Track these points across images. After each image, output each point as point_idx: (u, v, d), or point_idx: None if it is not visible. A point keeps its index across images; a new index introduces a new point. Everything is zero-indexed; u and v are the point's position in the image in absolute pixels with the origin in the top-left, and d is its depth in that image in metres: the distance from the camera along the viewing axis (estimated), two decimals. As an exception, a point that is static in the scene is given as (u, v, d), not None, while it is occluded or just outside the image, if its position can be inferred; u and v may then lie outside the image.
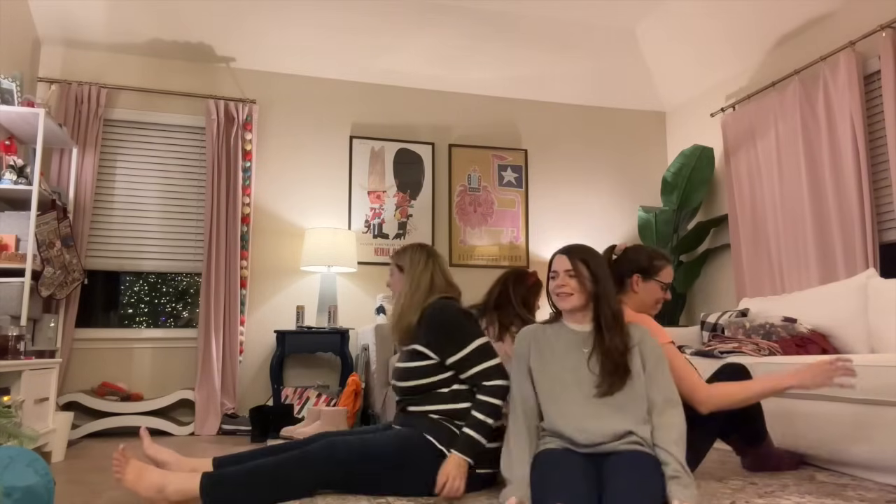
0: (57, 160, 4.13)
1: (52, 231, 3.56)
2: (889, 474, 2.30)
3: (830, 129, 3.85)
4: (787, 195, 4.11)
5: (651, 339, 1.99)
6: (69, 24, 4.24)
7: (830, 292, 3.32)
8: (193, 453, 3.28)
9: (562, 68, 5.11)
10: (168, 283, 4.88)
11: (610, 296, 1.97)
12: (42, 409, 3.02)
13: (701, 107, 5.17)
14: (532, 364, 1.99)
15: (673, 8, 4.57)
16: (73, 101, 4.23)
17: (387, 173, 4.92)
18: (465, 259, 4.98)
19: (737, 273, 4.49)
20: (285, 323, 4.54)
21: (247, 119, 4.56)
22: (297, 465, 1.96)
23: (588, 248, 2.06)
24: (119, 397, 4.03)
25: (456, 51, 4.84)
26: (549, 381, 1.94)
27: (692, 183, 4.82)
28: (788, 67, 4.26)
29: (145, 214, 4.45)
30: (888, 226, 3.65)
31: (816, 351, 3.12)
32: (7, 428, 2.05)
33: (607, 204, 5.37)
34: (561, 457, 1.78)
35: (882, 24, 3.54)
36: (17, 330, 2.85)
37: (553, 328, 2.04)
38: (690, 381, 2.11)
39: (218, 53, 4.61)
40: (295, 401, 4.25)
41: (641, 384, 1.89)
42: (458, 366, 2.15)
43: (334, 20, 4.51)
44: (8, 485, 1.54)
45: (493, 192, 5.12)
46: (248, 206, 4.50)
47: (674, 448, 1.78)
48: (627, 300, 2.30)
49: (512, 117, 5.26)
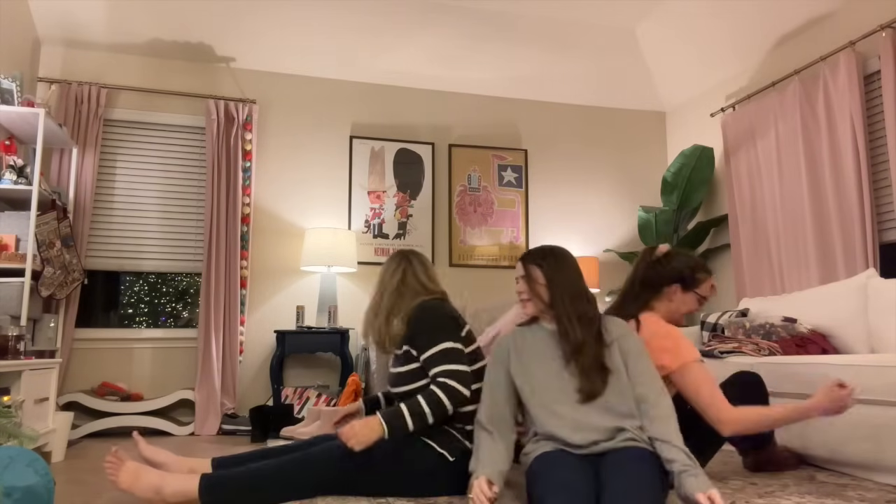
0: (57, 160, 4.13)
1: (52, 231, 3.56)
2: (889, 474, 2.30)
3: (830, 129, 3.85)
4: (787, 195, 4.11)
5: (631, 333, 1.97)
6: (69, 24, 4.24)
7: (830, 292, 3.33)
8: (193, 453, 3.28)
9: (562, 68, 5.11)
10: (168, 283, 4.88)
11: (568, 296, 1.94)
12: (42, 409, 3.02)
13: (701, 107, 5.17)
14: (513, 370, 1.98)
15: (673, 8, 4.57)
16: (73, 101, 4.23)
17: (387, 173, 4.92)
18: (465, 259, 4.98)
19: (737, 273, 4.49)
20: (285, 323, 4.54)
21: (247, 119, 4.56)
22: (298, 467, 1.95)
23: (545, 250, 2.03)
24: (119, 397, 4.03)
25: (456, 51, 4.84)
26: (534, 385, 1.92)
27: (692, 183, 4.82)
28: (788, 67, 4.26)
29: (145, 214, 4.45)
30: (888, 226, 3.65)
31: (816, 351, 3.12)
32: (7, 428, 2.04)
33: (607, 204, 5.37)
34: (557, 458, 1.76)
35: (882, 24, 3.54)
36: (17, 330, 2.85)
37: (531, 330, 2.03)
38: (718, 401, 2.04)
39: (218, 53, 4.61)
40: (295, 401, 4.25)
41: (625, 380, 1.87)
42: (425, 363, 2.11)
43: (334, 20, 4.51)
44: (8, 485, 1.54)
45: (493, 192, 5.12)
46: (248, 206, 4.50)
47: (676, 440, 1.76)
48: (659, 307, 2.25)
49: (512, 117, 5.26)
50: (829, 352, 3.15)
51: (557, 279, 1.96)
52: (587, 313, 1.94)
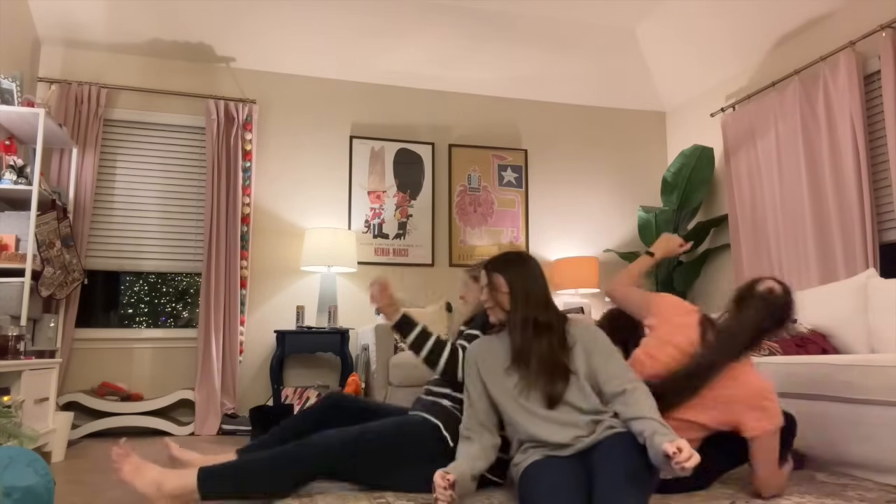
0: (57, 160, 4.13)
1: (52, 231, 3.56)
2: (889, 474, 2.30)
3: (830, 129, 3.85)
4: (787, 195, 4.11)
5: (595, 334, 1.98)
6: (69, 24, 4.24)
7: (830, 292, 3.32)
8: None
9: (562, 68, 5.11)
10: (168, 283, 4.88)
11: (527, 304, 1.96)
12: (42, 409, 3.02)
13: (701, 107, 5.17)
14: (485, 379, 2.00)
15: (673, 8, 4.57)
16: (73, 101, 4.23)
17: (387, 173, 4.92)
18: (465, 259, 4.98)
19: (737, 273, 4.49)
20: (285, 323, 4.54)
21: (247, 119, 4.56)
22: (294, 456, 1.95)
23: (507, 257, 2.06)
24: (119, 397, 4.03)
25: (456, 51, 4.84)
26: (507, 392, 1.94)
27: (692, 183, 4.82)
28: (788, 67, 4.26)
29: (145, 214, 4.45)
30: (888, 226, 3.65)
31: (816, 350, 3.12)
32: (7, 428, 2.05)
33: (607, 204, 5.37)
34: (546, 465, 1.76)
35: (882, 24, 3.54)
36: (17, 330, 2.85)
37: (499, 337, 2.06)
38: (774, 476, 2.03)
39: (218, 53, 4.61)
40: (295, 401, 4.25)
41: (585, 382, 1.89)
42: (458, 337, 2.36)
43: (334, 20, 4.51)
44: (8, 485, 1.54)
45: (493, 192, 5.12)
46: (248, 206, 4.50)
47: (649, 413, 1.75)
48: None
49: (512, 117, 5.26)
50: (829, 352, 3.15)
51: (519, 285, 1.98)
52: (546, 320, 1.95)
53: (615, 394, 1.85)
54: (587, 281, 4.81)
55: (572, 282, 4.83)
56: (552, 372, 1.88)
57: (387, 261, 4.81)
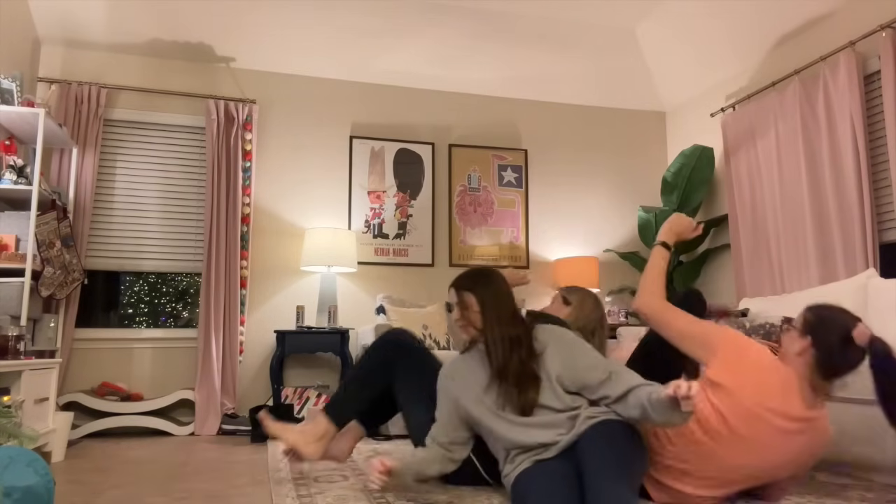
0: (57, 160, 4.13)
1: (52, 231, 3.56)
2: (889, 474, 2.30)
3: (830, 129, 3.85)
4: (787, 195, 4.11)
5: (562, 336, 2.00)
6: (69, 24, 4.24)
7: (830, 292, 3.32)
8: (193, 453, 3.28)
9: (562, 68, 5.11)
10: (168, 283, 4.88)
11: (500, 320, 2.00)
12: (42, 409, 3.02)
13: (701, 107, 5.17)
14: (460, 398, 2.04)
15: (673, 8, 4.57)
16: (73, 101, 4.23)
17: (387, 173, 4.92)
18: (465, 259, 4.98)
19: (737, 273, 4.49)
20: (285, 323, 4.54)
21: (247, 119, 4.56)
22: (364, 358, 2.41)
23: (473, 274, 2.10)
24: (119, 397, 4.03)
25: (456, 51, 4.84)
26: (487, 408, 1.97)
27: (692, 183, 4.82)
28: (788, 67, 4.26)
29: (145, 214, 4.45)
30: (888, 226, 3.65)
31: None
32: (7, 428, 2.05)
33: (607, 204, 5.37)
34: (536, 472, 1.78)
35: (882, 24, 3.54)
36: (17, 330, 2.85)
37: (471, 354, 2.10)
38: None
39: (218, 53, 4.61)
40: (295, 401, 4.25)
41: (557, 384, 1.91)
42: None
43: (334, 20, 4.51)
44: (8, 485, 1.54)
45: (493, 192, 5.12)
46: (248, 206, 4.50)
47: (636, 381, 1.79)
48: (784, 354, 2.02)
49: (512, 117, 5.26)
50: (829, 352, 3.14)
51: (489, 303, 2.02)
52: (516, 334, 1.99)
53: (601, 381, 1.86)
54: (587, 281, 4.81)
55: (572, 282, 4.82)
56: (524, 382, 1.92)
57: (387, 261, 4.81)
